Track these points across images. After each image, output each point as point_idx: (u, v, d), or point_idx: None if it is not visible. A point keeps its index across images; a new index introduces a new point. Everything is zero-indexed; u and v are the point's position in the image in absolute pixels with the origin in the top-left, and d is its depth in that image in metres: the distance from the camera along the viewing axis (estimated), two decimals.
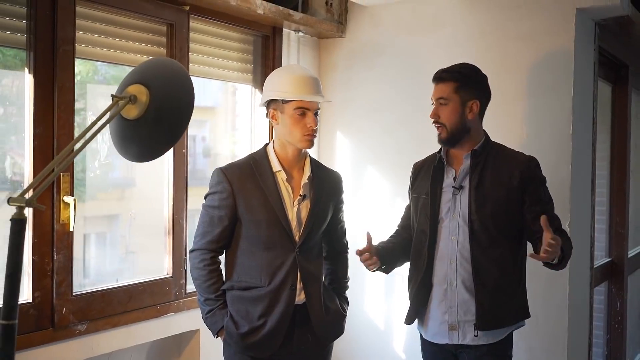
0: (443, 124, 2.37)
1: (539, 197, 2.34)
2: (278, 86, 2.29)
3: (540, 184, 2.37)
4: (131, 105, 1.71)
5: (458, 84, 2.35)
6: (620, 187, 4.02)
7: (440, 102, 2.38)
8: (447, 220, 2.39)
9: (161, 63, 1.89)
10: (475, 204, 2.32)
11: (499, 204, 2.31)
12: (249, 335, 2.26)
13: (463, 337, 2.35)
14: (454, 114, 2.35)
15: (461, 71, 2.39)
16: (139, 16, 2.67)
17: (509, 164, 2.36)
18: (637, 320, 4.72)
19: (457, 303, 2.35)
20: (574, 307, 2.99)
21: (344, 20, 3.58)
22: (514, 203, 2.32)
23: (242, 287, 2.30)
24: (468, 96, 2.35)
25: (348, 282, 2.62)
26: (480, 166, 2.37)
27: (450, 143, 2.40)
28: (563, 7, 2.90)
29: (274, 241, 2.29)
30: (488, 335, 2.33)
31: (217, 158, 3.43)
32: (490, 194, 2.33)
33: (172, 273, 2.84)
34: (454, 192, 2.38)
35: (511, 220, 2.33)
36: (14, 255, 1.47)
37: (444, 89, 2.37)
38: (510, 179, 2.32)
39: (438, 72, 2.42)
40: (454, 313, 2.36)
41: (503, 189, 2.32)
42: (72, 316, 2.42)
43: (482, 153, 2.39)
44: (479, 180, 2.35)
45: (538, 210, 2.29)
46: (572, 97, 2.89)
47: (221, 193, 2.29)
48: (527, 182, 2.32)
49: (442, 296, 2.38)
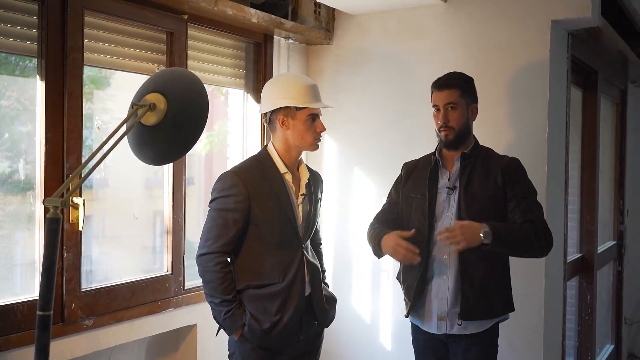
0: (452, 127, 2.57)
1: (516, 192, 2.52)
2: (290, 94, 2.40)
3: (520, 180, 2.56)
4: (150, 112, 1.85)
5: (462, 90, 2.58)
6: (590, 187, 4.25)
7: (449, 107, 2.57)
8: (442, 219, 2.58)
9: (176, 73, 2.03)
10: (464, 203, 2.52)
11: (486, 202, 2.52)
12: (270, 331, 2.37)
13: (451, 327, 2.54)
14: (462, 117, 2.58)
15: (462, 78, 2.63)
16: (142, 25, 2.80)
17: (495, 166, 2.57)
18: (605, 313, 4.98)
19: (447, 295, 2.54)
20: (550, 300, 3.20)
21: (331, 27, 3.74)
22: (500, 201, 2.53)
23: (257, 285, 2.40)
24: (470, 101, 2.61)
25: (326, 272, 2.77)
26: (470, 168, 2.57)
27: (456, 144, 2.60)
28: (539, 19, 3.11)
29: (285, 240, 2.42)
30: (473, 325, 2.52)
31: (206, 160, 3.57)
32: (478, 193, 2.53)
33: (172, 270, 2.97)
34: (448, 193, 2.58)
35: (498, 217, 2.52)
36: (49, 251, 1.59)
37: (452, 95, 2.57)
38: (495, 179, 2.54)
39: (442, 79, 2.61)
40: (444, 304, 2.55)
41: (489, 189, 2.53)
42: (80, 311, 2.54)
43: (471, 156, 2.60)
44: (468, 181, 2.55)
45: (513, 205, 2.50)
46: (547, 103, 3.10)
47: (236, 196, 2.36)
48: (508, 180, 2.53)
49: (437, 289, 2.58)
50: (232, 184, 2.38)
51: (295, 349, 2.49)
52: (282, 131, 2.45)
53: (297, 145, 2.46)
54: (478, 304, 2.51)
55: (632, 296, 5.56)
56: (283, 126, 2.44)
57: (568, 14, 3.05)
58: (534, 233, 2.44)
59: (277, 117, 2.44)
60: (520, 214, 2.48)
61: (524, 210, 2.49)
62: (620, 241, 5.14)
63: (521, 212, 2.48)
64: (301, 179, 2.52)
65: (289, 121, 2.43)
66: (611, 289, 5.08)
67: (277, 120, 2.44)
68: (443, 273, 2.56)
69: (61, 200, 1.59)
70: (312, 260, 2.53)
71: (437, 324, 2.57)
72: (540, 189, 3.04)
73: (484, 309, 2.53)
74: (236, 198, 2.36)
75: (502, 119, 3.22)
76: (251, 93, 3.50)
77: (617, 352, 5.11)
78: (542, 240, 2.47)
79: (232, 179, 2.39)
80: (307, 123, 2.43)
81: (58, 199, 1.59)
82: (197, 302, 3.05)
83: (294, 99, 2.41)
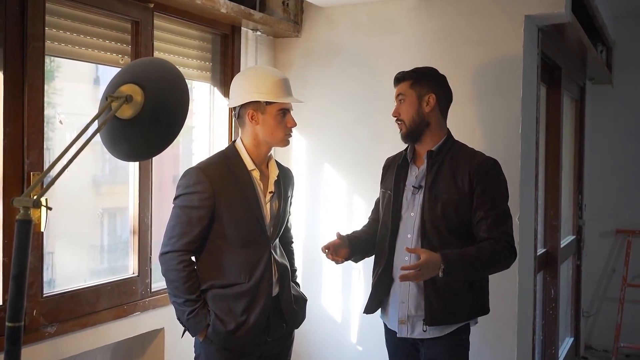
0: (402, 121, 2.50)
1: (484, 201, 2.38)
2: (260, 88, 2.34)
3: (489, 187, 2.40)
4: (126, 105, 1.73)
5: (412, 80, 2.50)
6: (554, 183, 4.29)
7: (399, 100, 2.51)
8: (405, 218, 2.50)
9: (153, 62, 1.91)
10: (427, 204, 2.43)
11: (450, 204, 2.40)
12: (235, 332, 2.30)
13: (411, 331, 2.46)
14: (411, 108, 2.48)
15: (416, 70, 2.54)
16: (105, 13, 2.64)
17: (463, 166, 2.44)
18: (565, 307, 5.06)
19: (408, 298, 2.46)
20: (522, 295, 3.19)
21: (299, 20, 3.65)
22: (464, 204, 2.40)
23: (222, 285, 2.34)
24: (424, 90, 2.48)
25: (297, 271, 2.72)
26: (437, 166, 2.46)
27: (411, 138, 2.51)
28: (512, 14, 3.09)
29: (251, 238, 2.36)
30: (436, 329, 2.43)
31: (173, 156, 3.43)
32: (442, 194, 2.42)
33: (139, 272, 2.83)
34: (413, 192, 2.49)
35: (462, 220, 2.41)
36: (20, 257, 1.46)
37: (402, 87, 2.51)
38: (462, 181, 2.41)
39: (396, 74, 2.56)
40: (405, 308, 2.46)
41: (454, 190, 2.41)
42: (42, 318, 2.38)
43: (439, 153, 2.48)
44: (433, 180, 2.45)
45: (479, 216, 2.38)
46: (520, 99, 3.09)
47: (201, 193, 2.29)
48: (476, 184, 2.39)
49: (397, 292, 2.50)
50: (197, 180, 2.30)
51: (264, 350, 2.43)
52: (252, 126, 2.38)
53: (266, 141, 2.40)
54: (444, 309, 2.41)
55: (589, 289, 5.69)
56: (252, 121, 2.37)
57: (541, 9, 3.04)
58: (492, 254, 2.34)
59: (247, 112, 2.37)
60: (486, 228, 2.36)
61: (490, 225, 2.36)
62: (579, 235, 5.23)
63: (487, 227, 2.36)
64: (270, 176, 2.46)
65: (258, 116, 2.37)
66: (570, 283, 5.17)
67: (247, 115, 2.37)
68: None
69: (32, 200, 1.46)
70: (281, 259, 2.47)
71: (398, 327, 2.49)
72: (514, 185, 3.05)
73: (450, 314, 2.42)
74: (201, 195, 2.29)
75: (475, 116, 3.19)
76: (218, 86, 3.38)
77: (576, 344, 5.21)
78: (500, 259, 2.37)
79: (197, 175, 2.31)
80: (277, 118, 2.37)
81: (29, 198, 1.46)
82: (164, 305, 2.91)
83: (264, 94, 2.34)
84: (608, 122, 5.66)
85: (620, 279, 5.56)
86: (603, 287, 5.77)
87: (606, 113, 5.67)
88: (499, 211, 2.40)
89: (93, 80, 2.95)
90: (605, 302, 5.74)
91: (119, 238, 2.99)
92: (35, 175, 2.30)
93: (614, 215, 5.64)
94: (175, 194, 2.36)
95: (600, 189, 5.65)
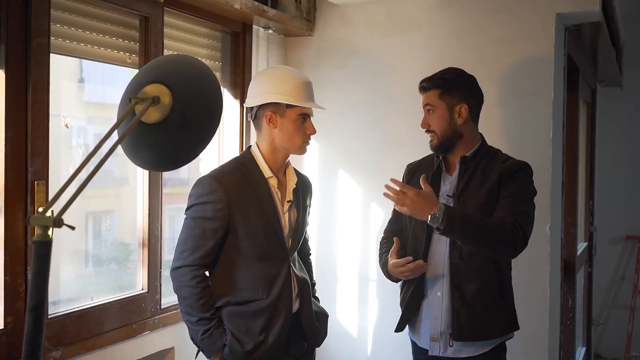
0: (434, 132, 2.32)
1: (506, 194, 2.21)
2: (282, 89, 2.18)
3: (514, 183, 2.23)
4: (152, 107, 1.53)
5: (441, 90, 2.30)
6: (571, 188, 4.13)
7: (427, 110, 2.33)
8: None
9: (180, 59, 1.70)
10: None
11: (478, 209, 2.23)
12: (254, 352, 2.14)
13: (444, 349, 2.29)
14: (442, 120, 2.30)
15: (443, 77, 2.33)
16: (113, 8, 2.43)
17: (495, 170, 2.28)
18: (577, 316, 4.91)
19: (441, 314, 2.30)
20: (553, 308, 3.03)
21: (312, 18, 3.46)
22: (493, 207, 2.24)
23: (239, 302, 2.18)
24: (454, 101, 2.30)
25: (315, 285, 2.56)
26: (469, 173, 2.30)
27: (443, 150, 2.35)
28: (542, 12, 2.93)
29: (269, 251, 2.20)
30: (469, 348, 2.27)
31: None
32: (470, 202, 2.26)
33: (148, 288, 2.61)
34: (447, 201, 2.31)
35: None
36: (39, 284, 1.24)
37: (430, 96, 2.33)
38: (492, 184, 2.26)
39: (421, 81, 2.36)
40: (437, 324, 2.30)
41: (483, 195, 2.25)
42: (47, 342, 2.16)
43: (472, 160, 2.32)
44: (464, 187, 2.29)
45: (498, 206, 2.21)
46: (552, 102, 2.93)
47: (215, 203, 2.12)
48: (504, 182, 2.24)
49: (429, 307, 2.34)
50: (211, 189, 2.13)
51: None
52: (269, 130, 2.22)
53: (284, 147, 2.24)
54: (472, 323, 2.24)
55: (598, 297, 5.56)
56: (270, 124, 2.21)
57: (574, 7, 2.88)
58: (498, 225, 2.14)
59: (265, 114, 2.21)
60: (499, 211, 2.19)
61: (507, 208, 2.18)
62: (591, 242, 5.09)
63: (502, 215, 2.17)
64: (288, 184, 2.30)
65: (277, 119, 2.20)
66: (582, 291, 5.02)
67: (264, 116, 2.21)
68: (438, 289, 2.31)
69: (52, 218, 1.25)
70: (300, 273, 2.31)
71: (430, 345, 2.32)
72: (545, 194, 2.88)
73: (479, 329, 2.26)
74: (215, 205, 2.12)
75: (501, 120, 3.02)
76: (228, 87, 3.17)
77: (588, 354, 5.06)
78: (507, 235, 2.13)
79: (211, 184, 2.14)
80: (297, 123, 2.21)
81: (48, 217, 1.25)
82: (175, 323, 2.70)
83: (286, 95, 2.18)
84: (617, 125, 5.53)
85: (629, 286, 5.44)
86: (612, 294, 5.64)
87: (615, 116, 5.54)
88: (523, 208, 2.20)
89: (77, 80, 2.74)
90: (615, 310, 5.61)
91: (105, 242, 2.79)
92: (39, 184, 2.09)
93: (624, 221, 5.51)
94: (187, 204, 2.19)
95: (610, 194, 5.51)
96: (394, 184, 2.14)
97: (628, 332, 5.26)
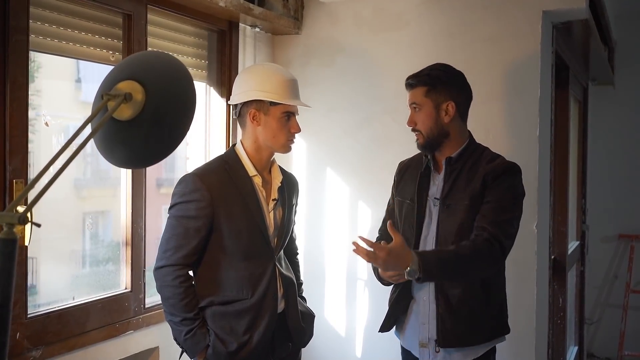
0: (419, 131, 2.27)
1: (489, 199, 2.16)
2: (266, 86, 2.16)
3: (499, 187, 2.17)
4: (124, 104, 1.51)
5: (427, 88, 2.24)
6: (562, 187, 4.13)
7: (413, 108, 2.28)
8: (426, 231, 2.28)
9: (154, 56, 1.68)
10: (443, 215, 2.22)
11: (463, 216, 2.18)
12: (238, 353, 2.12)
13: (434, 355, 2.25)
14: (428, 118, 2.24)
15: (430, 74, 2.26)
16: (95, 5, 2.41)
17: (481, 170, 2.21)
18: (570, 315, 4.90)
19: (428, 319, 2.25)
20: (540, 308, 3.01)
21: (299, 16, 3.45)
22: (476, 211, 2.18)
23: (223, 301, 2.16)
24: (441, 98, 2.23)
25: (302, 285, 2.54)
26: (455, 174, 2.24)
27: (429, 149, 2.29)
28: (529, 10, 2.91)
29: (254, 250, 2.18)
30: (457, 354, 2.23)
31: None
32: (456, 205, 2.20)
33: (131, 287, 2.60)
34: (434, 202, 2.27)
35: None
36: (4, 282, 1.22)
37: (415, 94, 2.27)
38: (476, 185, 2.19)
39: (407, 78, 2.30)
40: (425, 330, 2.26)
41: (467, 197, 2.19)
42: (26, 341, 2.14)
43: (458, 160, 2.26)
44: (449, 190, 2.23)
45: (480, 215, 2.16)
46: (538, 100, 2.91)
47: (199, 202, 2.11)
48: (488, 185, 2.18)
49: (417, 311, 2.29)
50: (194, 188, 2.11)
51: None
52: (252, 127, 2.20)
53: (267, 145, 2.22)
54: (457, 329, 2.19)
55: (590, 296, 5.54)
56: (254, 122, 2.19)
57: (561, 4, 2.87)
58: (477, 256, 2.09)
59: (248, 111, 2.19)
60: (480, 225, 2.13)
61: (488, 217, 2.13)
62: (583, 241, 5.08)
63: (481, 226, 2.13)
64: (273, 182, 2.28)
65: (260, 117, 2.18)
66: (574, 290, 5.01)
67: (248, 114, 2.19)
68: (424, 294, 2.26)
69: (17, 215, 1.23)
70: (286, 272, 2.30)
71: (419, 351, 2.28)
72: (531, 190, 2.86)
73: (465, 335, 2.20)
74: (198, 204, 2.10)
75: (488, 117, 2.99)
76: (214, 86, 3.16)
77: (580, 353, 5.05)
78: (483, 257, 2.11)
79: (194, 183, 2.12)
80: (281, 121, 2.19)
81: (13, 214, 1.23)
82: (159, 322, 2.68)
83: (269, 93, 2.16)
84: (609, 124, 5.52)
85: (622, 285, 5.43)
86: (605, 293, 5.63)
87: (607, 115, 5.53)
88: (502, 219, 2.15)
89: (75, 80, 2.72)
90: (608, 309, 5.60)
91: (102, 243, 2.79)
92: (18, 183, 2.07)
93: (617, 220, 5.50)
94: (170, 203, 2.18)
95: (602, 192, 5.49)
96: (363, 242, 2.04)
97: (621, 331, 5.25)
